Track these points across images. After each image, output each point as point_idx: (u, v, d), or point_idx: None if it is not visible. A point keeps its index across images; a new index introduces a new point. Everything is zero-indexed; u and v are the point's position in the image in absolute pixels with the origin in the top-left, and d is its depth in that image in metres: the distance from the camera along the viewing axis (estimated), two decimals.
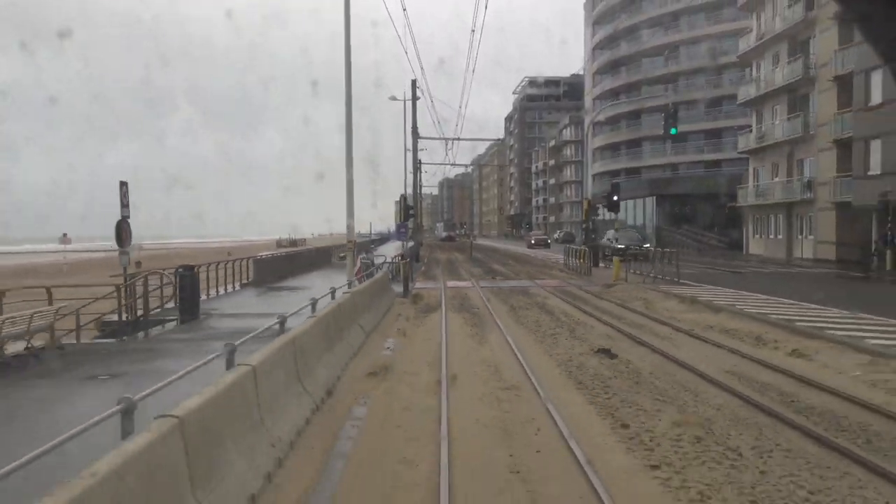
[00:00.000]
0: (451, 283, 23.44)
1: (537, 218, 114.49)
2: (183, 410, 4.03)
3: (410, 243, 35.08)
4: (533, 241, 64.19)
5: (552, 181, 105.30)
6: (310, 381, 7.20)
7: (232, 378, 5.03)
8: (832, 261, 30.51)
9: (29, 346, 10.73)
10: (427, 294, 19.54)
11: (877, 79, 27.19)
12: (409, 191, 40.58)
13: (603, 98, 73.42)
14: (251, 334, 6.93)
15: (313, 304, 9.65)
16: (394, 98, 40.33)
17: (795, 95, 34.93)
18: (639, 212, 59.02)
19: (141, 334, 13.61)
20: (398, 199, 37.29)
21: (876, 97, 27.37)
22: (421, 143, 39.61)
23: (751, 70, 41.03)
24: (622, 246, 33.21)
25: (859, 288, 20.95)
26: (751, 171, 40.78)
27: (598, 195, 75.26)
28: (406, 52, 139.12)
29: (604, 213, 64.07)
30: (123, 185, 14.65)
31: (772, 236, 37.92)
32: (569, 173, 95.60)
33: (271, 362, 6.04)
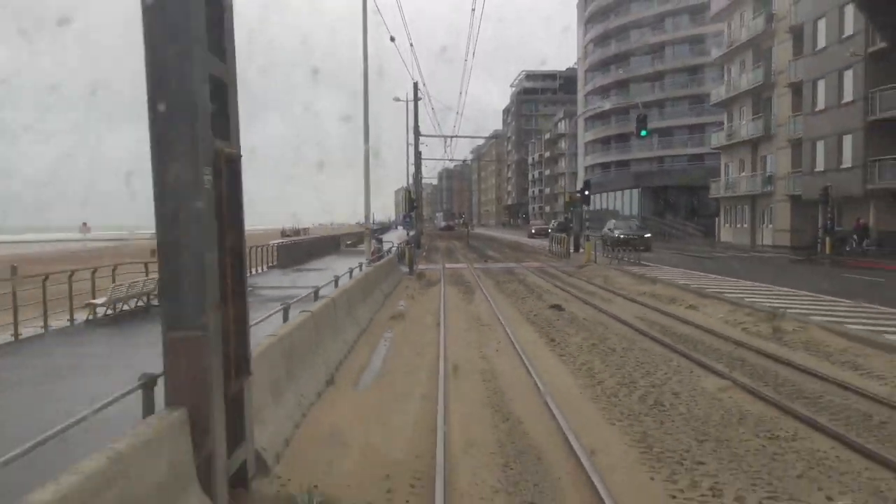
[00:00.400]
0: (448, 266, 27.47)
1: (533, 208, 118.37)
2: (315, 307, 8.06)
3: (412, 232, 39.17)
4: (534, 231, 63.59)
5: (548, 172, 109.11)
6: (355, 317, 11.20)
7: (325, 304, 9.04)
8: (787, 247, 34.51)
9: (141, 303, 14.75)
10: (428, 273, 23.52)
11: (821, 87, 31.10)
12: (411, 182, 44.56)
13: (594, 94, 77.25)
14: (295, 299, 9.71)
15: (350, 271, 13.65)
16: (397, 99, 44.10)
17: (759, 98, 38.84)
18: (626, 202, 62.99)
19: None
20: (397, 189, 41.28)
21: (820, 103, 31.28)
22: (422, 139, 43.47)
23: (723, 73, 44.89)
24: (622, 235, 34.34)
25: (790, 268, 24.93)
26: (722, 165, 44.74)
27: (591, 186, 78.94)
28: (410, 41, 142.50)
29: (600, 203, 68.14)
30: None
31: (739, 225, 41.92)
32: (563, 165, 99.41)
33: (336, 305, 10.01)
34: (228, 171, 4.50)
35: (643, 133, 31.73)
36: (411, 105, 39.77)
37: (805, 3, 32.69)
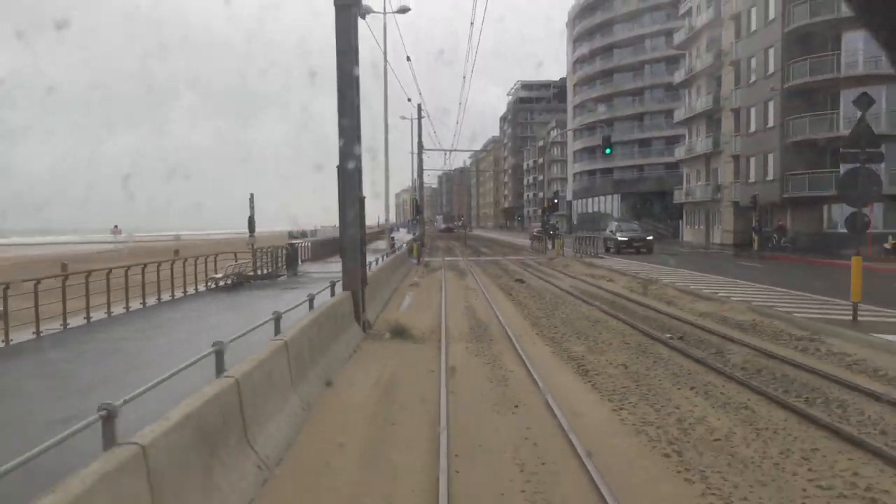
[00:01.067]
0: (448, 258, 34.33)
1: (528, 211, 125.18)
2: (372, 272, 14.98)
3: (416, 232, 45.98)
4: (536, 233, 57.64)
5: (541, 177, 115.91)
6: (389, 283, 18.03)
7: (378, 270, 15.90)
8: (731, 245, 41.34)
9: (234, 279, 21.62)
10: (432, 263, 30.36)
11: (753, 113, 37.98)
12: (410, 186, 51.42)
13: (582, 107, 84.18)
14: (338, 281, 17.51)
15: (377, 260, 20.48)
16: (403, 118, 50.87)
17: (711, 119, 45.74)
18: (608, 206, 69.91)
19: (283, 277, 24.38)
20: (398, 192, 47.94)
21: (752, 127, 38.17)
22: (425, 142, 50.25)
23: (684, 95, 51.83)
24: (625, 238, 35.77)
25: (715, 260, 31.72)
26: (684, 175, 51.66)
27: (578, 191, 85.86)
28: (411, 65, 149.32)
29: (601, 206, 74.83)
30: (251, 196, 25.31)
31: (697, 227, 48.80)
32: (556, 170, 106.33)
33: (382, 273, 16.83)
34: (360, 205, 11.40)
35: (607, 151, 38.45)
36: (414, 112, 46.52)
37: (742, 43, 39.59)
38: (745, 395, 7.30)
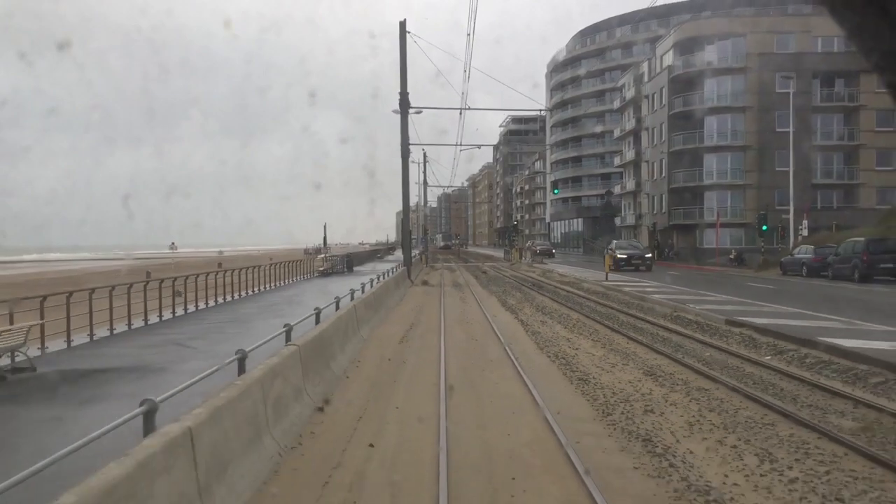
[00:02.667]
0: (445, 264, 51.37)
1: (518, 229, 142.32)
2: (399, 270, 32.27)
3: (423, 249, 63.15)
4: (538, 251, 61.76)
5: (527, 202, 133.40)
6: (415, 273, 35.06)
7: (394, 278, 33.05)
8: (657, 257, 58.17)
9: (326, 271, 38.69)
10: (436, 266, 47.33)
11: (655, 166, 55.23)
12: (409, 204, 68.56)
13: (557, 145, 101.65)
14: (379, 277, 34.29)
15: (396, 267, 37.61)
16: (412, 161, 68.06)
17: (636, 166, 63.01)
18: (573, 228, 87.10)
19: (346, 272, 41.31)
20: (398, 211, 64.83)
21: (654, 176, 55.45)
22: (414, 160, 67.44)
23: (622, 145, 69.24)
24: (624, 256, 38.19)
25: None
26: (623, 205, 68.90)
27: (553, 214, 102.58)
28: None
29: (570, 228, 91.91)
30: (325, 225, 42.38)
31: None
32: (539, 196, 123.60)
33: (395, 279, 33.82)
34: (407, 231, 28.63)
35: (555, 191, 55.80)
36: (418, 153, 63.73)
37: (649, 116, 56.96)
38: (555, 302, 24.30)
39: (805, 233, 39.12)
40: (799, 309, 16.42)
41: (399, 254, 71.98)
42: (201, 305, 21.54)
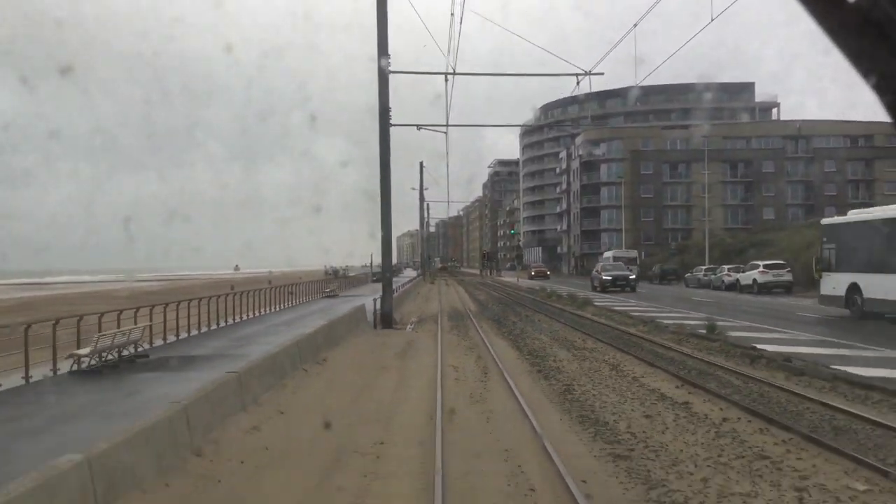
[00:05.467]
0: (442, 279, 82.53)
1: (502, 255, 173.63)
2: (415, 281, 63.74)
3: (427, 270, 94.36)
4: (533, 273, 74.05)
5: (508, 231, 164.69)
6: (423, 283, 66.12)
7: (416, 282, 64.21)
8: (575, 275, 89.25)
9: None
10: (437, 281, 78.25)
11: (572, 215, 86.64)
12: (408, 229, 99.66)
13: (527, 190, 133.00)
14: (410, 280, 64.80)
15: (412, 279, 68.59)
16: (413, 188, 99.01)
17: (567, 213, 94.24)
18: (536, 254, 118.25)
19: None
20: (400, 235, 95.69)
21: (574, 221, 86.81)
22: (426, 181, 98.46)
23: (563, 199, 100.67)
24: (609, 277, 40.41)
25: (562, 277, 79.51)
26: (561, 238, 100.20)
27: (524, 243, 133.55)
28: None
29: (535, 254, 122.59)
30: (371, 255, 73.21)
31: (569, 266, 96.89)
32: (521, 226, 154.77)
33: (422, 279, 64.70)
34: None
35: (512, 232, 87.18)
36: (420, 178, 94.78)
37: (571, 182, 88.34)
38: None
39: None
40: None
41: (408, 272, 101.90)
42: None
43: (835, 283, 20.81)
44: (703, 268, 47.77)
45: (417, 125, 25.98)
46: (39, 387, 12.13)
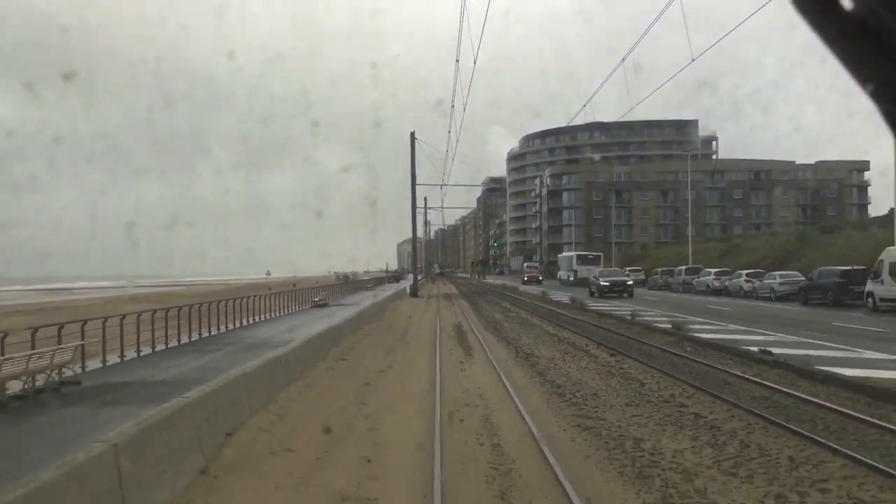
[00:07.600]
0: (440, 282, 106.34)
1: (492, 262, 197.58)
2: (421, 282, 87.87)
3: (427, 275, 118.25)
4: (526, 278, 78.02)
5: (501, 241, 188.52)
6: (426, 284, 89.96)
7: (420, 281, 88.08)
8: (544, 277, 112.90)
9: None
10: (437, 281, 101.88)
11: (541, 231, 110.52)
12: (408, 236, 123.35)
13: (513, 208, 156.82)
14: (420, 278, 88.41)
15: (417, 279, 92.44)
16: (417, 208, 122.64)
17: (540, 229, 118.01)
18: (518, 263, 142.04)
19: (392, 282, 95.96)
20: (400, 242, 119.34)
21: (544, 235, 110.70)
22: (421, 191, 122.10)
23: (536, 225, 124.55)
24: (607, 283, 40.30)
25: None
26: (537, 248, 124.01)
27: (510, 252, 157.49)
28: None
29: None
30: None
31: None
32: (507, 237, 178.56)
33: (426, 279, 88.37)
34: (428, 266, 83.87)
35: (495, 244, 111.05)
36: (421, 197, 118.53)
37: (542, 206, 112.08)
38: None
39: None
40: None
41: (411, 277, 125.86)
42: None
43: None
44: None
45: (441, 184, 47.79)
46: None
